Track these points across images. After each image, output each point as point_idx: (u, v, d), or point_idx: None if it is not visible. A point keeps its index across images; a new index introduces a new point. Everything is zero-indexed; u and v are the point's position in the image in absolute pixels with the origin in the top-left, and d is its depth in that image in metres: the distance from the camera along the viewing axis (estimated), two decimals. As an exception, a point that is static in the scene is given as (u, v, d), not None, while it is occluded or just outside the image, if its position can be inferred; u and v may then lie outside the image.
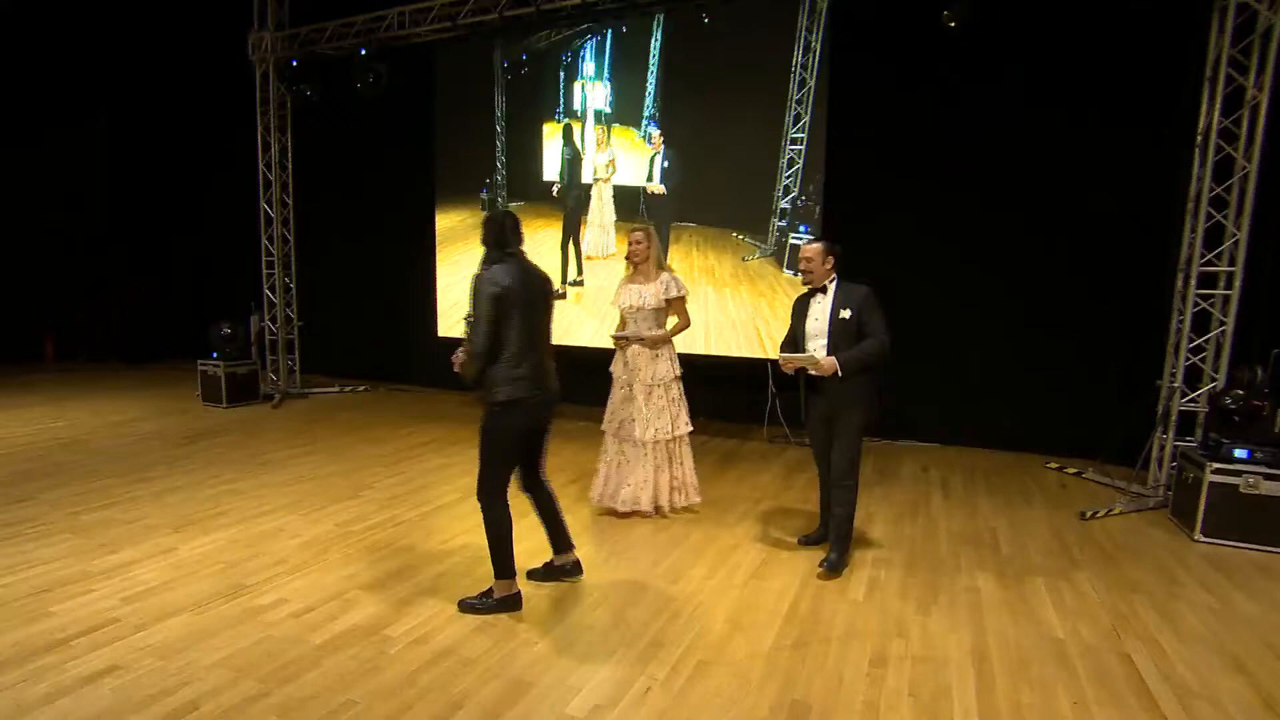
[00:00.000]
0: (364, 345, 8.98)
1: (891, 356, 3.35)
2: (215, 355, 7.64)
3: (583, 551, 3.49)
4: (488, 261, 2.91)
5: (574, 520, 4.16)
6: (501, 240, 2.92)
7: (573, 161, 6.28)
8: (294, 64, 7.51)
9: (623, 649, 2.72)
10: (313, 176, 8.38)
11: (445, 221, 7.46)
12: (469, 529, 3.99)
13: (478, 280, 2.83)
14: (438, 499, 4.55)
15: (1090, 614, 3.11)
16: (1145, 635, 2.93)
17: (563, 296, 6.29)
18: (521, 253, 2.98)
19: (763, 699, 2.40)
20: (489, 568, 3.02)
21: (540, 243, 6.53)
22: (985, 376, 5.80)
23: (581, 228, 6.35)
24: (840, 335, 3.36)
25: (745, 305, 5.58)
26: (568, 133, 6.37)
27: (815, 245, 3.47)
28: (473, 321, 2.83)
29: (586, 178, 6.28)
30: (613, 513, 4.27)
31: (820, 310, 3.44)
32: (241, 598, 3.13)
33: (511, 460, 3.01)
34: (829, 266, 3.45)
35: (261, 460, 5.42)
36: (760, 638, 2.83)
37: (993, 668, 2.64)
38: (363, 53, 6.98)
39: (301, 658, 2.63)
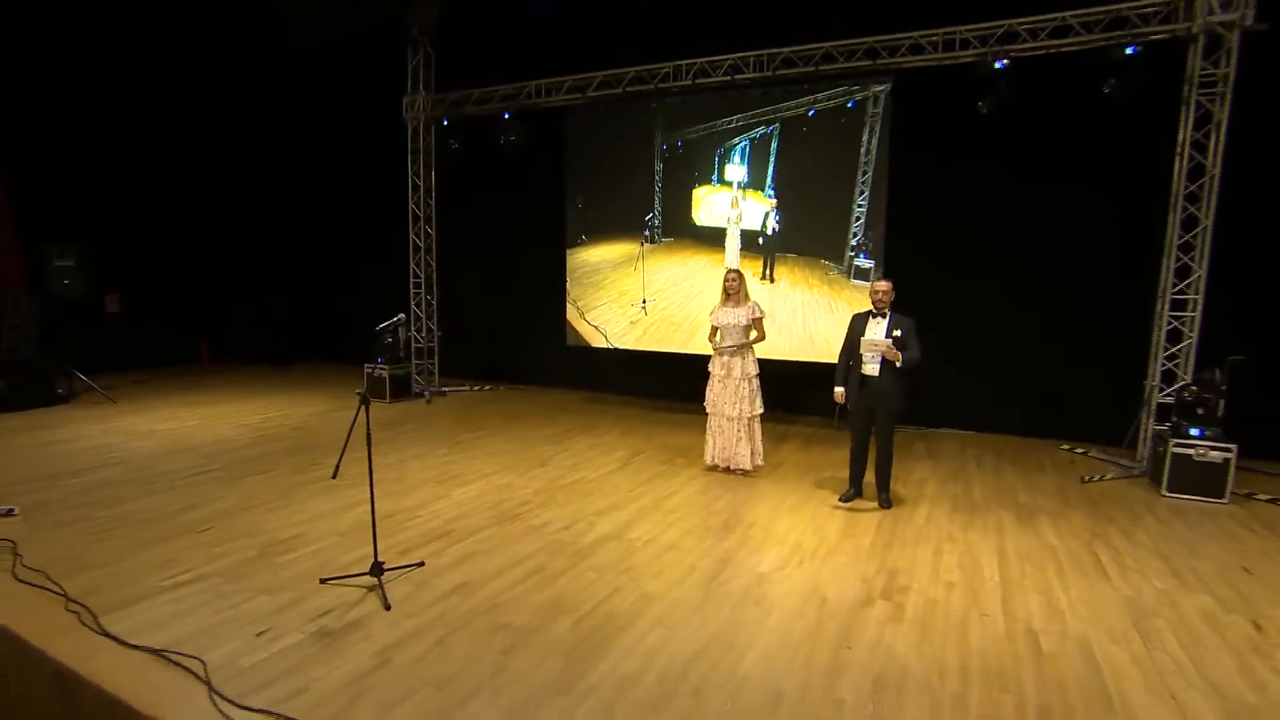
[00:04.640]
0: (487, 351, 10.83)
1: (922, 369, 5.00)
2: (380, 360, 9.52)
3: (725, 500, 5.22)
4: None
5: (702, 481, 5.90)
6: None
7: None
8: (445, 123, 9.35)
9: (775, 546, 4.43)
10: (453, 212, 10.20)
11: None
12: (643, 481, 5.74)
13: None
14: (607, 465, 6.28)
15: (1075, 533, 4.73)
16: (1110, 544, 4.54)
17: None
18: None
19: (870, 566, 4.10)
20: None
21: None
22: (1015, 378, 7.39)
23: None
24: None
25: (829, 306, 7.74)
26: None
27: (886, 283, 5.06)
28: None
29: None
30: (721, 469, 6.06)
31: (879, 328, 5.04)
32: (519, 521, 4.87)
33: None
34: (892, 297, 5.09)
35: (455, 440, 7.20)
36: (860, 540, 4.52)
37: (1009, 558, 4.29)
38: (506, 116, 8.75)
39: (582, 550, 4.36)
